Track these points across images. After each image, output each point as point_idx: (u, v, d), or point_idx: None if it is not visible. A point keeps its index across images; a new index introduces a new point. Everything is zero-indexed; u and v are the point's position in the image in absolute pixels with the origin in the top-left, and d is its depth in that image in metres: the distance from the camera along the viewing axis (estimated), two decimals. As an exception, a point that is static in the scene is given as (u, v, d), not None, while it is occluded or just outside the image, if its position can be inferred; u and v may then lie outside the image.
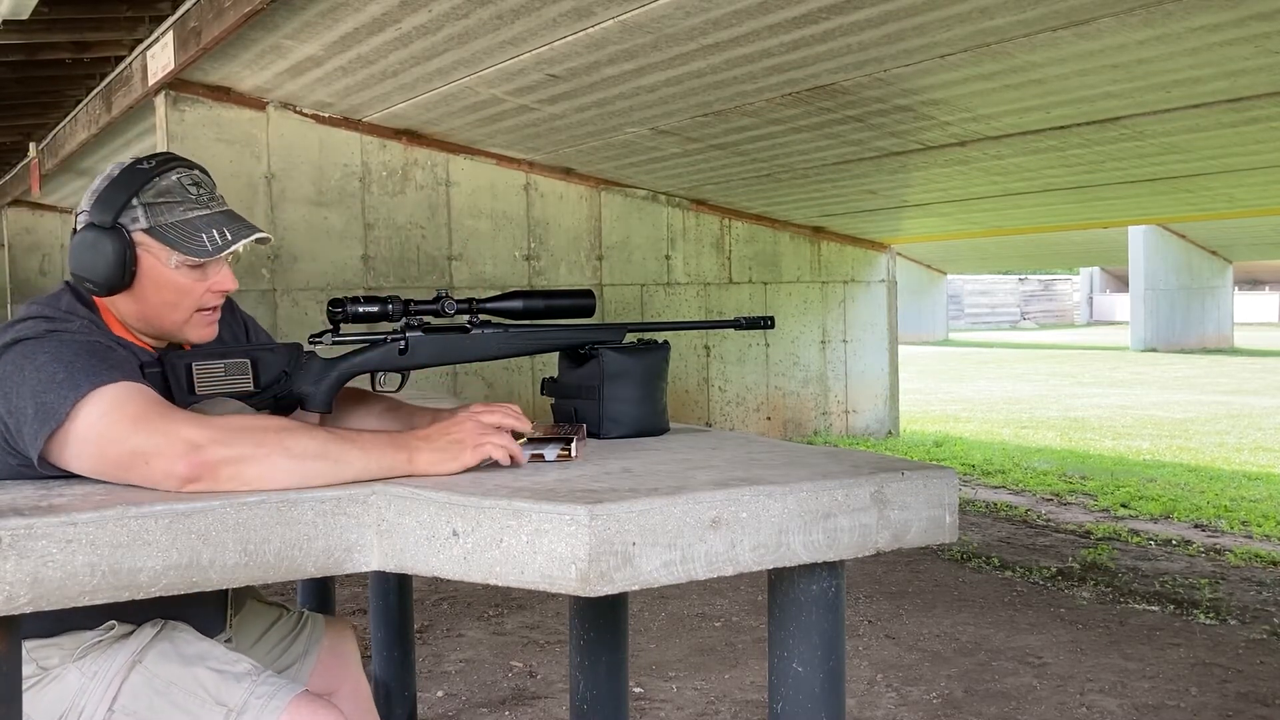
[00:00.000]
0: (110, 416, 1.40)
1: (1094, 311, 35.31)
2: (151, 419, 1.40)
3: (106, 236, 1.56)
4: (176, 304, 1.62)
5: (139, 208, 1.58)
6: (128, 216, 1.57)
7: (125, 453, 1.39)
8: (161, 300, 1.61)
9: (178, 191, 1.60)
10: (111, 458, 1.40)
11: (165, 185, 1.60)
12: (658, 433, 1.84)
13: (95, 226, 1.57)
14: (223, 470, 1.35)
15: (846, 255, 9.47)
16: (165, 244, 1.58)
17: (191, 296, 1.62)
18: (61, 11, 5.40)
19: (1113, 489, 7.05)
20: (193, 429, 1.38)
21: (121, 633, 1.58)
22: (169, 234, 1.58)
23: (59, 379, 1.42)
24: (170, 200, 1.59)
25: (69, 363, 1.44)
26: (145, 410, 1.41)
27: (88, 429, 1.41)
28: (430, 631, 4.20)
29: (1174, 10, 3.99)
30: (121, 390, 1.43)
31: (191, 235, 1.59)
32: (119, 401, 1.42)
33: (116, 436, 1.39)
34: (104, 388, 1.42)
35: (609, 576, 1.23)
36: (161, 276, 1.60)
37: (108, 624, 1.58)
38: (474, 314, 1.79)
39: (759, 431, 8.87)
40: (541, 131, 6.63)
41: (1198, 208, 8.31)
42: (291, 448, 1.39)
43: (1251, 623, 4.23)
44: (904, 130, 5.89)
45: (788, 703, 1.42)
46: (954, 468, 1.48)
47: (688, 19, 4.46)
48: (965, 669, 3.75)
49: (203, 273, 1.62)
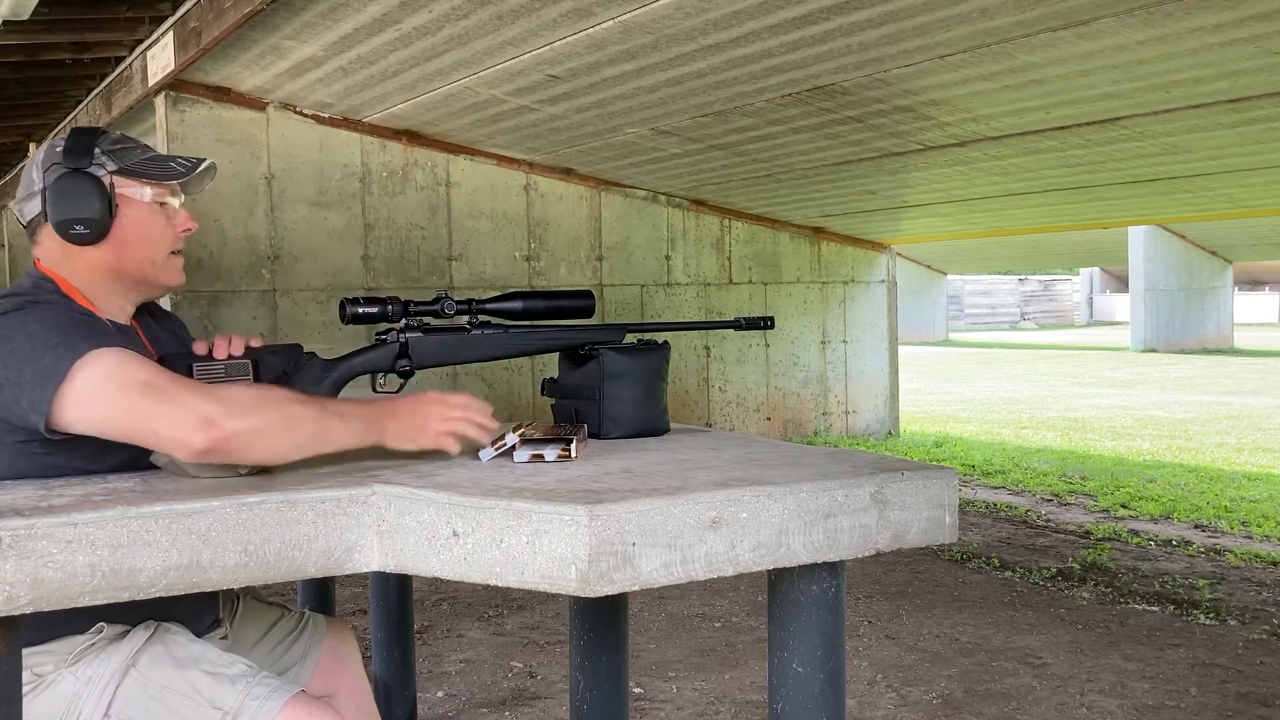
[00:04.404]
0: (116, 380, 1.43)
1: (1094, 312, 35.31)
2: (162, 387, 1.44)
3: (86, 179, 1.63)
4: (155, 242, 1.69)
5: (103, 155, 1.66)
6: (96, 161, 1.65)
7: (136, 417, 1.42)
8: (142, 240, 1.68)
9: (127, 140, 1.72)
10: (120, 420, 1.43)
11: (115, 135, 1.71)
12: (658, 433, 1.84)
13: (73, 173, 1.63)
14: (234, 443, 1.41)
15: (846, 255, 9.47)
16: (139, 178, 1.67)
17: (167, 234, 1.71)
18: (61, 12, 5.40)
19: (1113, 489, 7.05)
20: (205, 402, 1.42)
21: (113, 635, 1.58)
22: (140, 169, 1.68)
23: (54, 342, 1.45)
24: (128, 146, 1.70)
25: (61, 327, 1.48)
26: (154, 378, 1.45)
27: (92, 389, 1.43)
28: (430, 632, 4.20)
29: (1174, 11, 3.99)
30: (123, 355, 1.47)
31: (161, 166, 1.70)
32: (123, 365, 1.45)
33: (125, 401, 1.43)
34: (102, 350, 1.45)
35: (609, 577, 1.23)
36: (139, 216, 1.68)
37: (97, 626, 1.57)
38: (474, 314, 1.79)
39: (759, 432, 8.87)
40: (541, 132, 6.63)
41: (1198, 208, 8.31)
42: (293, 420, 1.47)
43: (1251, 623, 4.23)
44: (904, 130, 5.89)
45: (788, 703, 1.42)
46: (954, 468, 1.48)
47: (688, 19, 4.46)
48: (965, 669, 3.75)
49: (167, 214, 1.71)
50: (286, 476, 1.47)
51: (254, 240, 6.52)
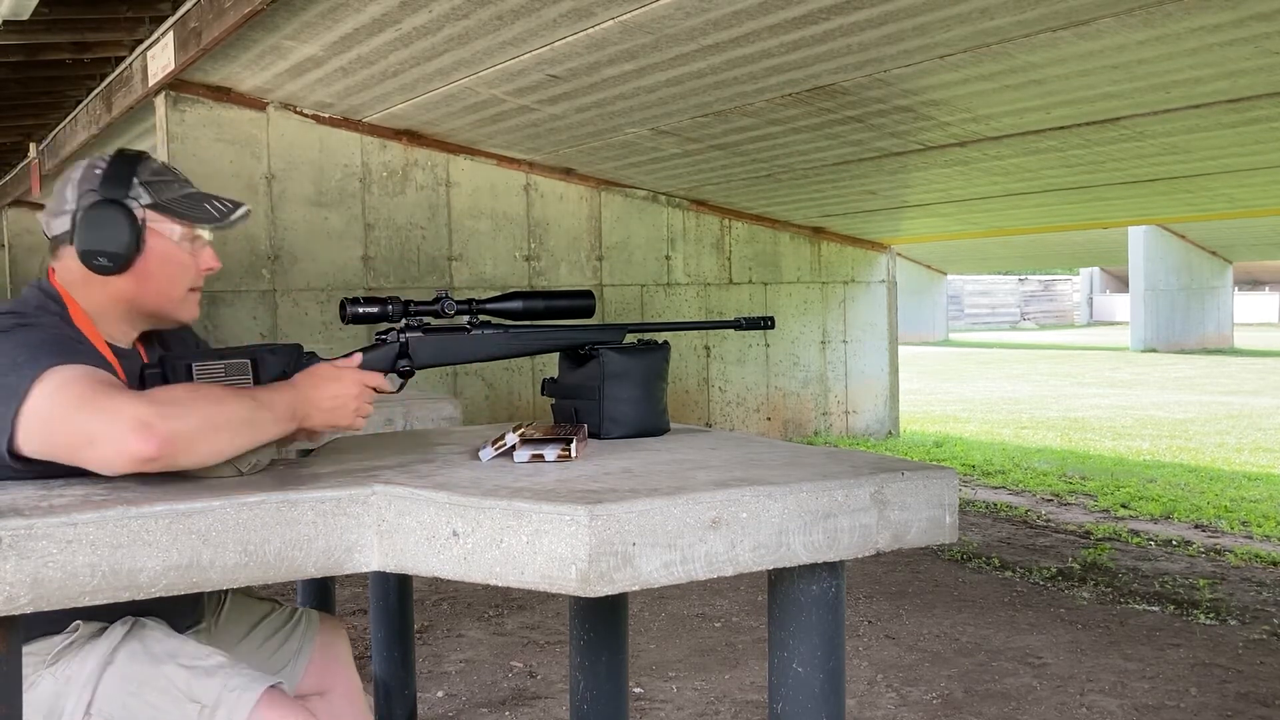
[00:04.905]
0: (57, 396, 1.38)
1: (1094, 312, 35.31)
2: (97, 398, 1.37)
3: (119, 211, 1.61)
4: (176, 280, 1.68)
5: (140, 186, 1.64)
6: (133, 194, 1.63)
7: (71, 432, 1.36)
8: (164, 275, 1.66)
9: (167, 172, 1.69)
10: (60, 438, 1.38)
11: (156, 166, 1.68)
12: (658, 433, 1.84)
13: (107, 203, 1.61)
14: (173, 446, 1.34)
15: (846, 256, 9.47)
16: (172, 216, 1.66)
17: (190, 272, 1.70)
18: (61, 11, 5.40)
19: (1113, 489, 7.04)
20: (137, 405, 1.36)
21: (90, 633, 1.57)
22: (175, 207, 1.66)
23: (19, 361, 1.42)
24: (166, 179, 1.68)
25: (34, 348, 1.44)
26: (91, 389, 1.38)
27: (37, 406, 1.38)
28: (430, 631, 4.20)
29: (1174, 11, 3.99)
30: (71, 370, 1.41)
31: (196, 205, 1.68)
32: (68, 380, 1.39)
33: (62, 416, 1.37)
34: (58, 368, 1.41)
35: (609, 577, 1.23)
36: (165, 251, 1.66)
37: (73, 625, 1.56)
38: (474, 314, 1.79)
39: (759, 432, 8.87)
40: (541, 132, 6.63)
41: (1198, 208, 8.31)
42: (229, 416, 1.42)
43: (1251, 623, 4.23)
44: (904, 130, 5.89)
45: (788, 703, 1.42)
46: (954, 468, 1.48)
47: (688, 19, 4.46)
48: (965, 669, 3.75)
49: (194, 251, 1.70)
50: (287, 476, 1.47)
51: (254, 240, 6.52)
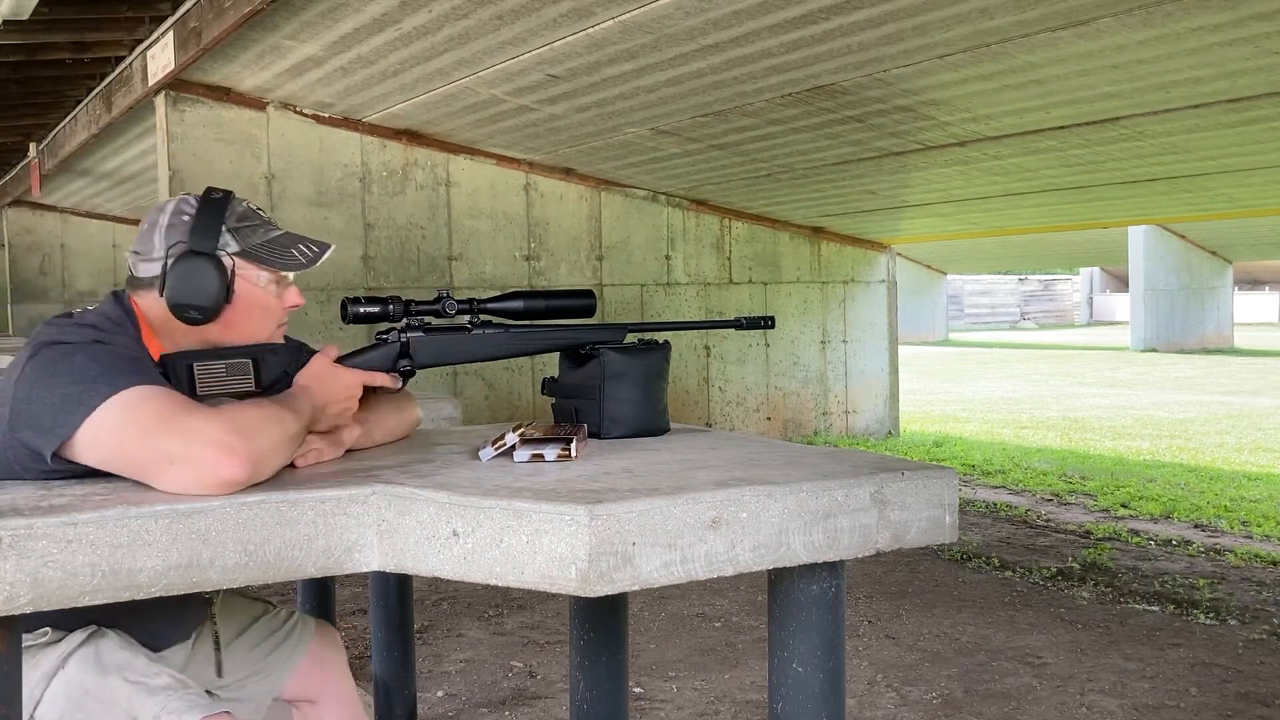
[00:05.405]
0: (134, 413, 1.39)
1: (1094, 311, 35.31)
2: (177, 418, 1.38)
3: (210, 264, 1.60)
4: (261, 323, 1.67)
5: (228, 233, 1.63)
6: (222, 242, 1.62)
7: (148, 450, 1.37)
8: (250, 320, 1.65)
9: (252, 216, 1.68)
10: (133, 455, 1.38)
11: (242, 211, 1.67)
12: (658, 433, 1.84)
13: (196, 254, 1.59)
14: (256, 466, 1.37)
15: (846, 255, 9.47)
16: (259, 263, 1.65)
17: (275, 315, 1.69)
18: (61, 11, 5.40)
19: (1113, 489, 7.04)
20: (218, 429, 1.37)
21: (55, 639, 1.56)
22: (261, 253, 1.65)
23: (93, 375, 1.42)
24: (252, 224, 1.66)
25: (107, 364, 1.44)
26: (171, 410, 1.40)
27: (109, 421, 1.39)
28: (430, 631, 4.20)
29: (1174, 10, 3.99)
30: (149, 390, 1.42)
31: (282, 251, 1.67)
32: (145, 399, 1.40)
33: (139, 434, 1.37)
34: (137, 387, 1.41)
35: (609, 577, 1.23)
36: (253, 297, 1.65)
37: (42, 630, 1.56)
38: (475, 314, 1.79)
39: (759, 431, 8.87)
40: (541, 132, 6.63)
41: (1198, 208, 8.31)
42: (289, 433, 1.47)
43: (1251, 623, 4.23)
44: (904, 130, 5.89)
45: (788, 703, 1.42)
46: (954, 468, 1.48)
47: (688, 19, 4.46)
48: (965, 669, 3.75)
49: (279, 291, 1.69)
50: (287, 476, 1.47)
51: (254, 240, 6.51)
